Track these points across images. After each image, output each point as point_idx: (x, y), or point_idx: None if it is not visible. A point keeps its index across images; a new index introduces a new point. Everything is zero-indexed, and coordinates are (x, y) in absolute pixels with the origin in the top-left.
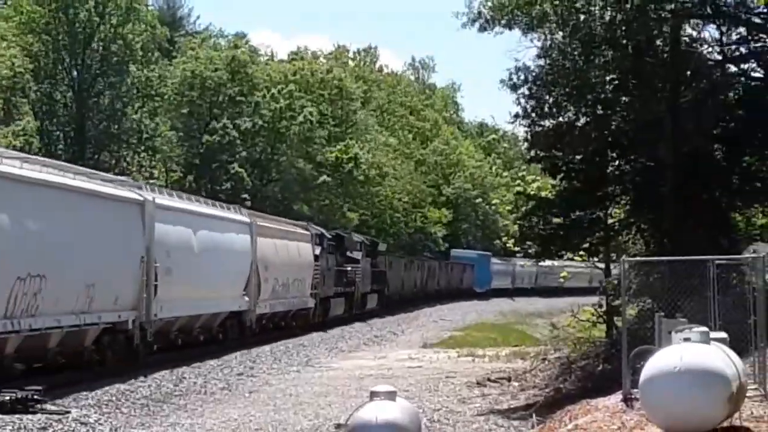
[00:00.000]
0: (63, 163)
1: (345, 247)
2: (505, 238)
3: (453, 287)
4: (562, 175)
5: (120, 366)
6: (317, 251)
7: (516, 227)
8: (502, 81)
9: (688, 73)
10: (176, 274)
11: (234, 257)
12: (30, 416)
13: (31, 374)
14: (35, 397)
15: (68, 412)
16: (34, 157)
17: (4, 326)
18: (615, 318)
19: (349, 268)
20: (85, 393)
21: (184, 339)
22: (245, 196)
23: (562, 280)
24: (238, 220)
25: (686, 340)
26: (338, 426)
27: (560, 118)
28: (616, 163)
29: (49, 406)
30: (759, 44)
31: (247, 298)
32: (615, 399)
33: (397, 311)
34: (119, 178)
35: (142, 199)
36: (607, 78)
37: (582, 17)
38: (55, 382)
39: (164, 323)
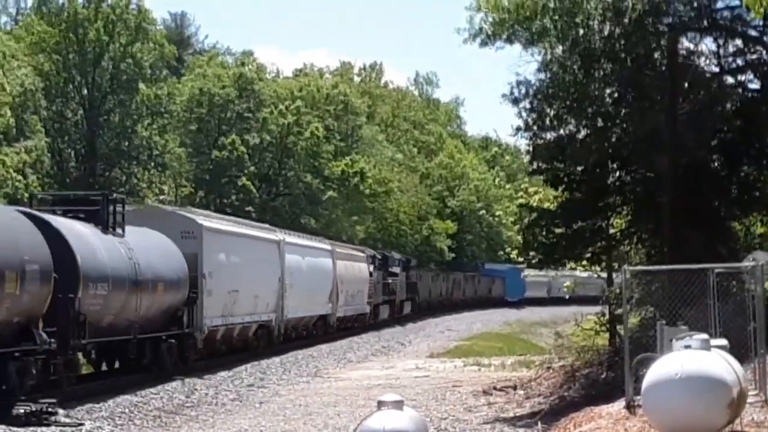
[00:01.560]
0: (233, 217)
1: (388, 264)
2: (509, 248)
3: (481, 296)
4: (563, 186)
5: (264, 349)
6: (371, 269)
7: (519, 238)
8: (503, 95)
9: (686, 85)
10: (295, 289)
11: (324, 276)
12: (44, 429)
13: (43, 387)
14: (49, 409)
15: (81, 425)
16: (218, 214)
17: (222, 321)
18: (618, 326)
19: (391, 281)
20: (98, 405)
21: (297, 333)
22: (249, 209)
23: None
24: (325, 248)
25: (687, 347)
26: None
27: (561, 131)
28: (617, 174)
29: (62, 419)
30: (755, 56)
31: (330, 305)
32: (618, 406)
33: (426, 317)
34: (263, 225)
35: (278, 239)
36: (607, 91)
37: (581, 31)
38: (68, 395)
39: (289, 321)
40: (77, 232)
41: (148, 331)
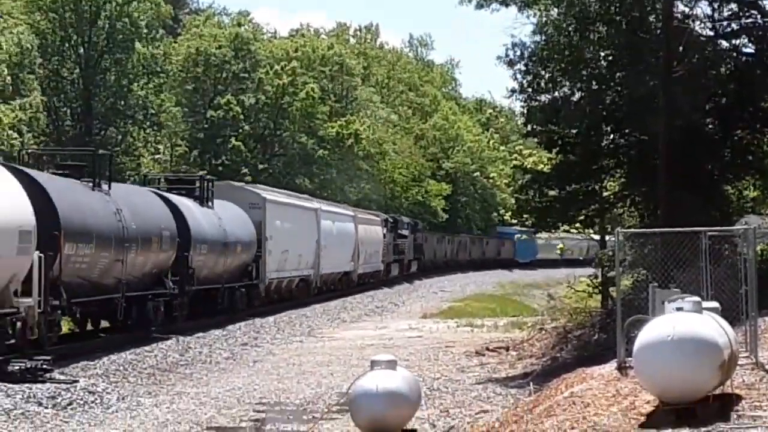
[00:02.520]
0: (284, 190)
1: (398, 227)
2: (503, 210)
3: (489, 258)
4: (557, 148)
5: (302, 298)
6: (384, 231)
7: (513, 200)
8: (498, 57)
9: (681, 48)
10: (328, 249)
11: (349, 238)
12: (39, 385)
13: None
14: (44, 366)
15: (76, 382)
16: (272, 188)
17: (277, 275)
18: (610, 289)
19: (400, 242)
20: (92, 362)
21: (327, 286)
22: (245, 170)
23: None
24: (349, 214)
25: (679, 309)
26: (340, 394)
27: (556, 93)
28: (611, 137)
29: (57, 376)
30: (750, 20)
31: (353, 263)
32: (610, 367)
33: (432, 275)
34: (303, 196)
35: (315, 207)
36: (602, 54)
37: None
38: (63, 352)
39: (322, 276)
40: (187, 206)
41: (230, 281)
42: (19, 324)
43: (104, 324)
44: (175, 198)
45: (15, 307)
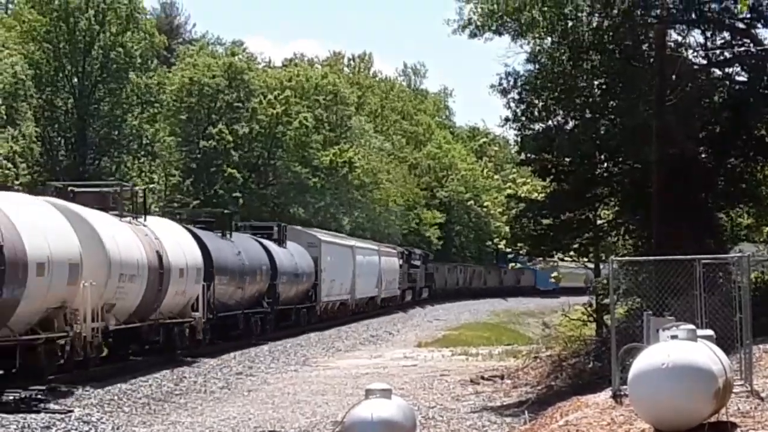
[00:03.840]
0: (330, 231)
1: (411, 258)
2: (497, 239)
3: (507, 286)
4: (551, 177)
5: (342, 318)
6: (400, 262)
7: (507, 229)
8: (492, 86)
9: (674, 77)
10: (360, 278)
11: (374, 269)
12: (33, 416)
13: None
14: (38, 396)
15: (71, 412)
16: (323, 230)
17: (327, 299)
18: (605, 316)
19: (412, 272)
20: (87, 392)
21: (359, 308)
22: (237, 194)
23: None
24: (374, 248)
25: (674, 337)
26: (335, 423)
27: (549, 122)
28: (605, 165)
29: (52, 406)
30: (743, 48)
31: (377, 290)
32: (605, 395)
33: (442, 301)
34: (341, 235)
35: (351, 245)
36: (595, 82)
37: (570, 23)
38: (58, 382)
39: (357, 300)
40: (273, 248)
41: (299, 303)
42: (188, 330)
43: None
44: (265, 242)
45: (191, 317)
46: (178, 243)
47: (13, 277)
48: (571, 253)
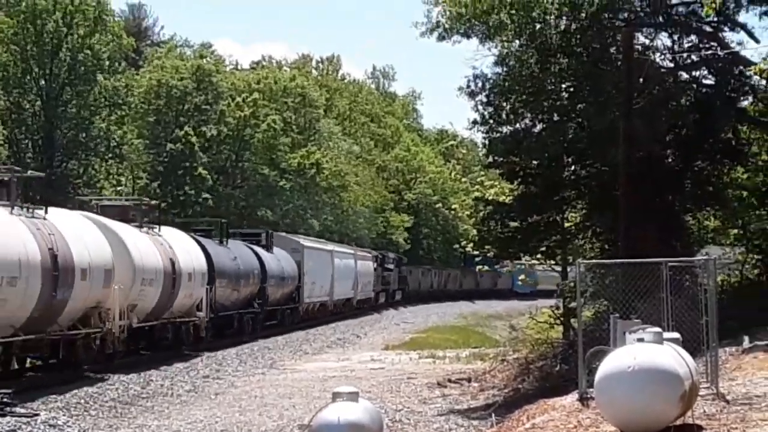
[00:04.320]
0: (312, 237)
1: (385, 262)
2: (465, 242)
3: (483, 288)
4: (519, 180)
5: (322, 318)
6: (374, 266)
7: (475, 231)
8: (460, 88)
9: (641, 80)
10: (338, 281)
11: (351, 272)
12: None
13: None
14: (4, 399)
15: (37, 415)
16: (305, 236)
17: (309, 300)
18: (572, 319)
19: (386, 275)
20: (53, 396)
21: (337, 309)
22: (207, 196)
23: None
24: (350, 252)
25: (640, 340)
26: (302, 427)
27: (517, 125)
28: (572, 168)
29: (18, 409)
30: (710, 52)
31: (353, 291)
32: (571, 398)
33: (415, 303)
34: (321, 240)
35: (330, 249)
36: (563, 85)
37: (538, 26)
38: (24, 385)
39: (335, 301)
40: (262, 253)
41: (284, 304)
42: (192, 327)
43: None
44: (256, 248)
45: (196, 317)
46: (186, 251)
47: (64, 281)
48: (539, 255)
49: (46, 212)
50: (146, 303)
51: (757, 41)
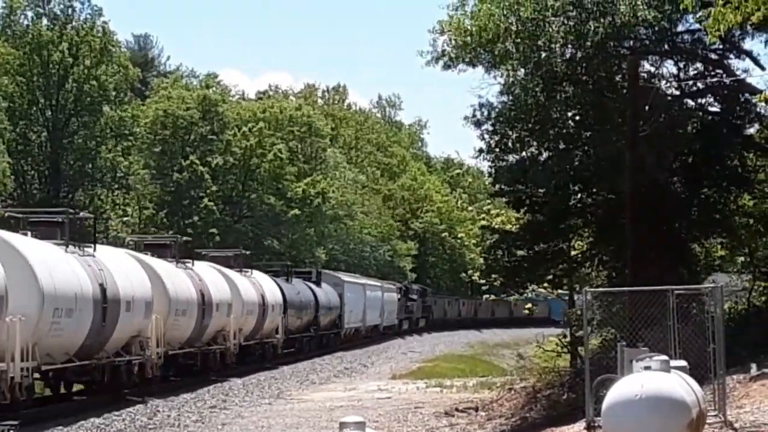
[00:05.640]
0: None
1: (409, 293)
2: (471, 271)
3: (518, 317)
4: (525, 208)
5: (356, 342)
6: (398, 296)
7: (482, 260)
8: (466, 117)
9: (647, 107)
10: (368, 310)
11: (378, 302)
12: None
13: (6, 408)
14: (10, 431)
15: None
16: (345, 272)
17: (347, 326)
18: (579, 348)
19: (410, 304)
20: (60, 428)
21: (368, 334)
22: (214, 230)
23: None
24: (377, 285)
25: (647, 368)
26: None
27: (523, 153)
28: (579, 196)
29: None
30: (715, 79)
31: (380, 319)
32: (579, 427)
33: (440, 330)
34: (355, 275)
35: (363, 283)
36: (569, 114)
37: (543, 55)
38: (31, 418)
39: (367, 327)
40: (314, 288)
41: (330, 329)
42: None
43: None
44: (310, 284)
45: (276, 338)
46: (270, 290)
47: (112, 311)
48: (545, 284)
49: (94, 249)
50: (178, 332)
51: (762, 68)
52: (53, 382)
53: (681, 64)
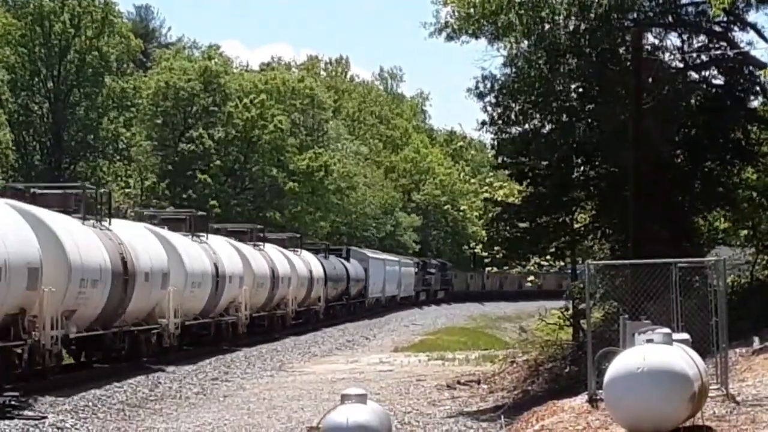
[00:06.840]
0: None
1: (427, 267)
2: (474, 243)
3: (547, 290)
4: (528, 180)
5: (376, 310)
6: (415, 270)
7: (484, 233)
8: (468, 90)
9: (651, 80)
10: (387, 282)
11: (396, 275)
12: (7, 422)
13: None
14: (12, 402)
15: (45, 418)
16: (369, 249)
17: (371, 296)
18: (581, 321)
19: (428, 277)
20: (61, 399)
21: (387, 303)
22: (214, 203)
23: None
24: (395, 260)
25: (649, 341)
26: (310, 429)
27: (526, 126)
28: (581, 168)
29: (26, 412)
30: (719, 52)
31: (398, 290)
32: (581, 400)
33: (460, 301)
34: (377, 251)
35: (383, 258)
36: (572, 86)
37: (547, 26)
38: (33, 388)
39: (386, 297)
40: (345, 263)
41: (357, 298)
42: (314, 312)
43: None
44: (341, 260)
45: (318, 305)
46: (315, 266)
47: (131, 283)
48: (548, 257)
49: (110, 223)
50: (194, 303)
51: (767, 41)
52: (76, 351)
53: (685, 37)
